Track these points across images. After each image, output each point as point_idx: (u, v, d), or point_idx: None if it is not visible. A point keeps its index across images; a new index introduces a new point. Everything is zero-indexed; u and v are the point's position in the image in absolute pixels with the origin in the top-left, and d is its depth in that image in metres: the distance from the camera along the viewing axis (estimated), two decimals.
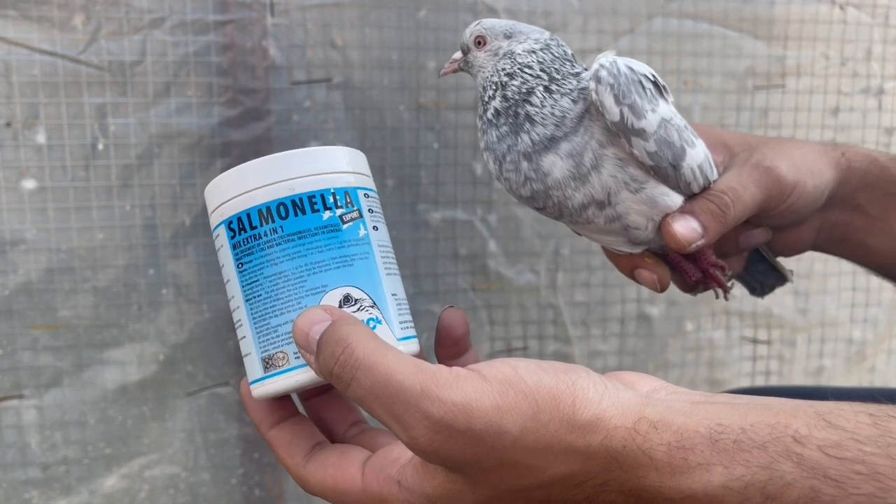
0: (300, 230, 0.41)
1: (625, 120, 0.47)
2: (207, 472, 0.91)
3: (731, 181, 0.52)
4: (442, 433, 0.35)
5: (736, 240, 0.57)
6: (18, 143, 0.81)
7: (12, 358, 0.84)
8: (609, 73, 0.47)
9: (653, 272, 0.54)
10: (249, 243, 0.41)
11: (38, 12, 0.79)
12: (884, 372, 1.13)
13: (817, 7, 1.01)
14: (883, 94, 1.05)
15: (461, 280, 0.95)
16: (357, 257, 0.41)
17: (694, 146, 0.51)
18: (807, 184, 0.54)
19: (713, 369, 1.06)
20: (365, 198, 0.43)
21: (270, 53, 0.85)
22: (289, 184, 0.41)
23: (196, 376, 0.89)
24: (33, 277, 0.83)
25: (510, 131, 0.49)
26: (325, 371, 0.38)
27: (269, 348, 0.41)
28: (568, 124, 0.48)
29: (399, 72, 0.89)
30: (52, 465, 0.87)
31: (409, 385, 0.35)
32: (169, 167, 0.85)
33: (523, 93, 0.49)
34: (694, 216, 0.50)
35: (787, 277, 0.62)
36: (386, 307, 0.42)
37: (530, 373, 0.37)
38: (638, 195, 0.49)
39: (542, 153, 0.48)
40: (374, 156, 0.90)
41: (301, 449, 0.42)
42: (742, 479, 0.33)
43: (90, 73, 0.82)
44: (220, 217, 0.43)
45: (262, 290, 0.41)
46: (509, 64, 0.50)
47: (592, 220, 0.50)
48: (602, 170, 0.48)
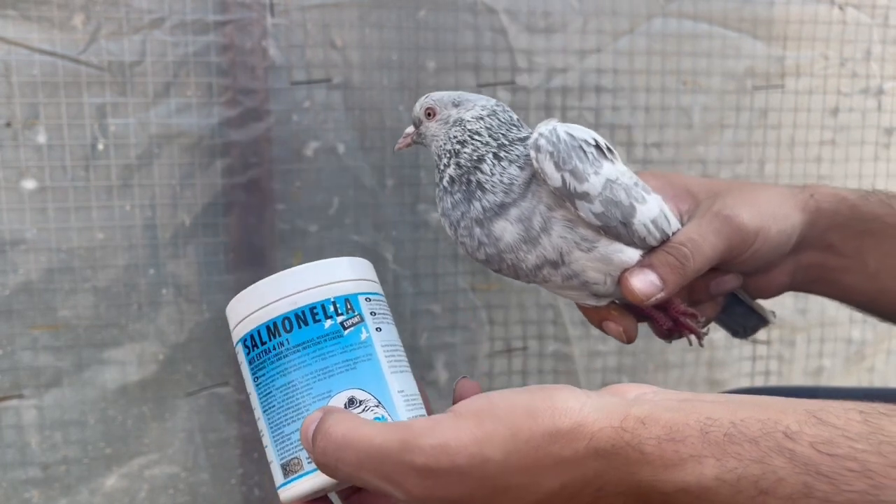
0: (304, 341, 0.43)
1: (567, 185, 0.48)
2: (207, 471, 0.91)
3: (691, 232, 0.52)
4: (430, 478, 0.36)
5: (706, 287, 0.57)
6: (18, 143, 0.81)
7: (12, 358, 0.84)
8: (548, 141, 0.49)
9: (619, 324, 0.54)
10: (261, 358, 0.44)
11: (37, 12, 0.80)
12: (883, 372, 1.13)
13: (817, 7, 1.01)
14: (882, 94, 1.05)
15: (461, 280, 0.95)
16: (360, 360, 0.44)
17: (644, 202, 0.51)
18: (770, 229, 0.54)
19: (713, 369, 1.06)
20: (367, 302, 0.45)
21: (270, 54, 0.85)
22: (292, 298, 0.44)
23: (196, 376, 0.89)
24: (33, 277, 0.83)
25: (463, 198, 0.50)
26: (318, 464, 0.39)
27: (286, 455, 0.44)
28: (516, 190, 0.49)
29: (399, 72, 0.89)
30: (52, 464, 0.87)
31: (389, 444, 0.36)
32: (169, 167, 0.85)
33: (474, 160, 0.50)
34: (652, 269, 0.51)
35: (767, 318, 0.62)
36: (392, 404, 0.43)
37: (504, 398, 0.37)
38: (591, 254, 0.50)
39: (493, 219, 0.49)
40: (374, 156, 0.90)
41: None
42: (734, 471, 0.33)
43: (90, 74, 0.82)
44: (237, 335, 0.46)
45: (275, 400, 0.44)
46: (460, 131, 0.51)
47: (549, 279, 0.51)
48: (552, 231, 0.49)
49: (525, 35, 0.92)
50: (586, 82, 0.95)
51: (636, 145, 0.98)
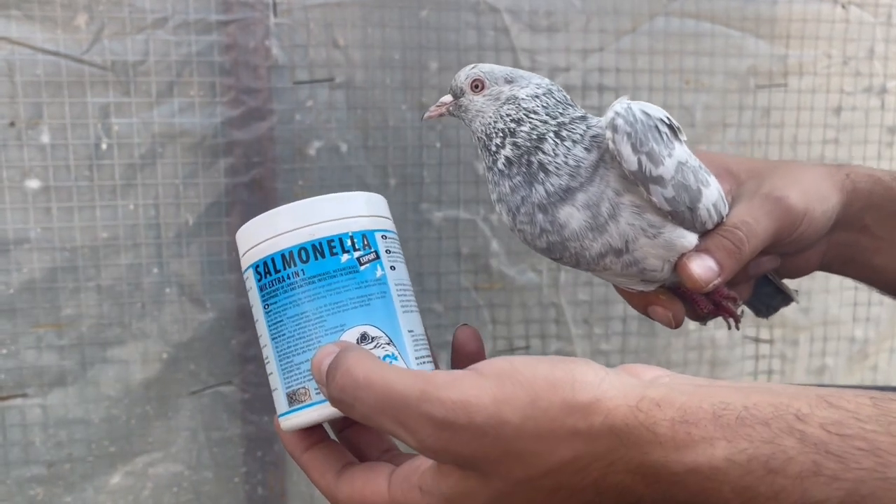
0: (320, 273, 0.43)
1: (643, 168, 0.46)
2: (210, 470, 0.91)
3: (744, 215, 0.51)
4: (446, 431, 0.36)
5: (745, 268, 0.56)
6: (22, 143, 0.81)
7: (16, 357, 0.84)
8: (625, 122, 0.46)
9: (667, 309, 0.53)
10: (274, 286, 0.44)
11: (41, 12, 0.80)
12: (886, 371, 1.13)
13: (819, 6, 1.00)
14: (885, 92, 1.05)
15: (463, 279, 0.95)
16: (374, 297, 0.44)
17: (708, 185, 0.50)
18: (815, 210, 0.53)
19: (715, 368, 1.06)
20: (382, 239, 0.45)
21: (273, 53, 0.86)
22: (310, 229, 0.44)
23: (199, 375, 0.90)
24: (37, 276, 0.84)
25: (523, 182, 0.48)
26: (333, 399, 0.39)
27: (293, 384, 0.44)
28: (583, 174, 0.47)
29: (401, 71, 0.89)
30: (56, 462, 0.87)
31: (409, 392, 0.36)
32: (172, 166, 0.85)
33: (534, 139, 0.48)
34: (710, 254, 0.50)
35: (793, 298, 0.61)
36: (402, 344, 0.44)
37: (526, 364, 0.37)
38: (656, 240, 0.48)
39: (558, 205, 0.47)
40: (377, 155, 0.90)
41: (332, 468, 0.43)
42: (745, 452, 0.34)
43: (93, 73, 0.82)
44: (249, 260, 0.45)
45: (286, 329, 0.44)
46: (514, 110, 0.49)
47: (610, 266, 0.49)
48: (620, 218, 0.47)
49: (527, 34, 0.92)
50: (589, 81, 0.95)
51: None
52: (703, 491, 0.34)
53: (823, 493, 0.32)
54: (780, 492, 0.33)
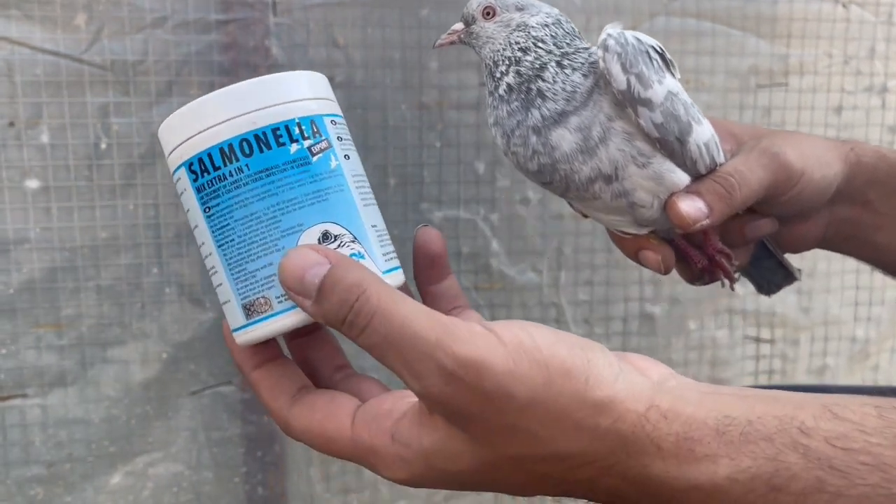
0: (267, 167, 0.38)
1: (631, 89, 0.47)
2: (210, 470, 0.91)
3: (738, 164, 0.52)
4: (452, 385, 0.35)
5: (742, 230, 0.56)
6: (21, 143, 0.81)
7: (16, 357, 0.84)
8: (616, 42, 0.48)
9: (657, 253, 0.53)
10: (214, 185, 0.39)
11: (40, 12, 0.80)
12: (887, 370, 1.13)
13: (820, 5, 1.00)
14: (886, 92, 1.05)
15: (464, 279, 0.95)
16: (331, 191, 0.39)
17: (700, 123, 0.51)
18: (814, 173, 0.54)
19: (716, 368, 1.06)
20: (332, 125, 0.41)
21: (273, 53, 0.85)
22: (250, 117, 0.38)
23: (199, 375, 0.89)
24: (37, 276, 0.84)
25: (521, 107, 0.49)
26: (333, 318, 0.36)
27: (249, 294, 0.39)
28: (578, 98, 0.48)
29: (401, 71, 0.89)
30: (56, 462, 0.87)
31: (425, 335, 0.35)
32: None
33: (536, 68, 0.49)
34: (699, 196, 0.50)
35: (794, 275, 0.61)
36: (367, 240, 0.40)
37: (547, 342, 0.36)
38: (645, 170, 0.49)
39: (552, 127, 0.48)
40: (377, 155, 0.90)
41: (286, 391, 0.41)
42: (748, 470, 0.33)
43: (93, 73, 0.82)
44: (179, 159, 0.40)
45: (233, 234, 0.39)
46: (523, 37, 0.50)
47: (599, 195, 0.50)
48: (610, 143, 0.48)
49: None
50: None
51: None
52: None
53: None
54: None
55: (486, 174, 0.94)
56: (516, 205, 0.95)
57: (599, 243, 0.98)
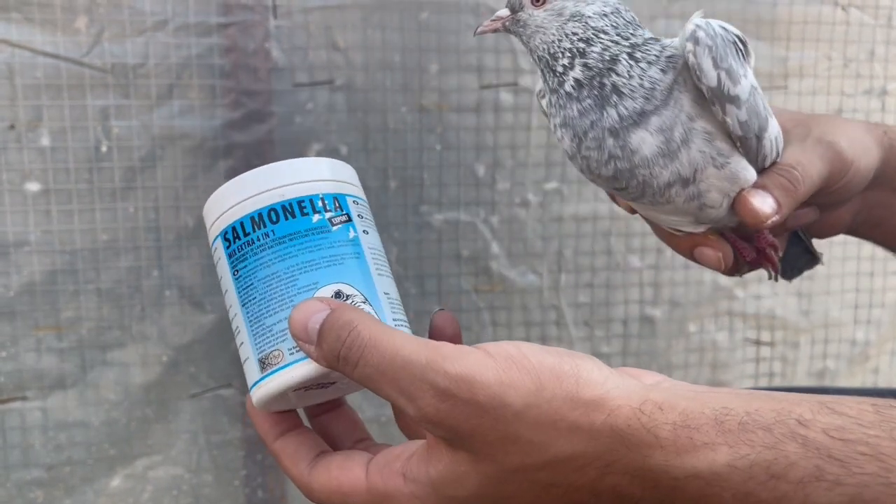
0: (290, 232, 0.42)
1: (722, 85, 0.44)
2: (210, 473, 0.91)
3: (798, 156, 0.51)
4: (447, 402, 0.35)
5: (784, 220, 0.55)
6: (22, 146, 0.81)
7: (16, 359, 0.84)
8: (707, 35, 0.45)
9: (717, 249, 0.52)
10: (243, 250, 0.42)
11: (41, 15, 0.80)
12: (887, 373, 1.13)
13: (820, 8, 1.00)
14: (886, 94, 1.05)
15: (464, 282, 0.95)
16: (347, 256, 0.42)
17: (772, 116, 0.49)
18: (861, 160, 0.53)
19: (716, 371, 1.06)
20: (354, 204, 0.44)
21: (273, 56, 0.86)
22: (279, 191, 0.42)
23: (199, 378, 0.89)
24: (37, 279, 0.84)
25: (594, 105, 0.45)
26: (330, 356, 0.38)
27: (266, 348, 0.41)
28: (658, 96, 0.45)
29: (401, 73, 0.89)
30: (56, 465, 0.87)
31: (415, 358, 0.36)
32: (172, 169, 0.85)
33: (607, 60, 0.45)
34: (768, 191, 0.49)
35: (819, 259, 0.61)
36: (378, 303, 0.42)
37: (534, 352, 0.37)
38: (722, 171, 0.47)
39: (631, 129, 0.45)
40: (377, 157, 0.90)
41: (305, 457, 0.42)
42: (747, 457, 0.33)
43: (93, 76, 0.82)
44: (216, 230, 0.44)
45: (256, 293, 0.42)
46: (581, 28, 0.46)
47: (673, 198, 0.47)
48: (692, 145, 0.45)
49: None
50: None
51: None
52: (704, 497, 0.34)
53: (826, 498, 0.32)
54: (781, 497, 0.33)
55: (485, 177, 0.94)
56: (516, 207, 0.95)
57: (599, 246, 0.98)
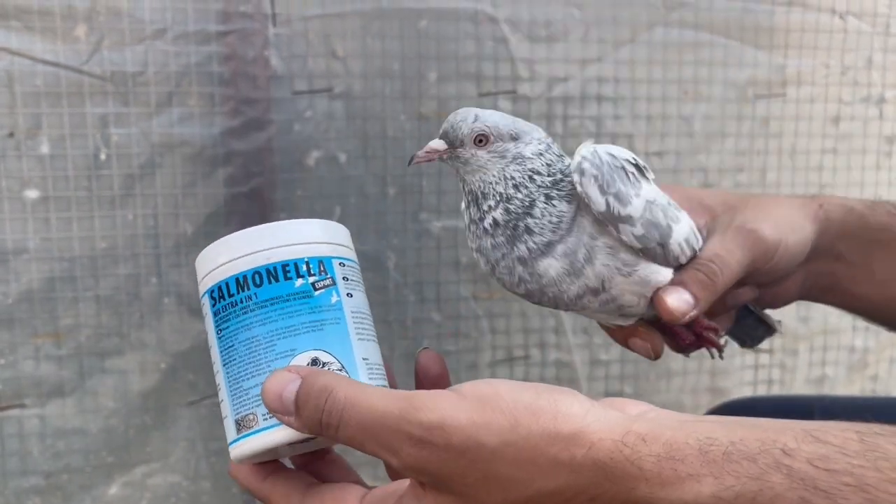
0: (273, 297, 0.42)
1: (611, 209, 0.47)
2: (208, 480, 0.91)
3: (717, 248, 0.53)
4: (424, 450, 0.36)
5: (723, 300, 0.57)
6: (21, 153, 0.82)
7: (14, 367, 0.84)
8: (591, 164, 0.47)
9: (646, 341, 0.54)
10: (227, 310, 0.43)
11: (41, 23, 0.80)
12: (886, 380, 1.13)
13: (817, 16, 1.01)
14: (884, 102, 1.05)
15: (463, 289, 0.95)
16: (328, 322, 0.43)
17: (678, 221, 0.51)
18: (788, 240, 0.54)
19: (715, 378, 1.06)
20: (340, 266, 0.45)
21: (272, 63, 0.86)
22: (266, 254, 0.43)
23: (197, 385, 0.89)
24: (35, 286, 0.84)
25: (506, 241, 0.48)
26: (311, 423, 0.39)
27: (242, 410, 0.42)
28: (563, 227, 0.48)
29: (400, 81, 0.90)
30: (54, 473, 0.87)
31: (390, 411, 0.37)
32: (171, 177, 0.85)
33: (526, 206, 0.48)
34: (685, 287, 0.51)
35: (774, 328, 0.62)
36: (355, 370, 0.43)
37: (509, 391, 0.37)
38: (631, 278, 0.49)
39: (538, 258, 0.48)
40: (376, 165, 0.90)
41: (296, 490, 0.43)
42: (732, 489, 0.33)
43: (92, 84, 0.82)
44: (204, 286, 0.45)
45: (237, 354, 0.43)
46: (518, 172, 0.48)
47: (588, 306, 0.50)
48: (595, 261, 0.48)
49: (526, 44, 0.92)
50: (587, 91, 0.95)
51: (638, 154, 0.97)
52: None
53: None
54: None
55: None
56: None
57: None
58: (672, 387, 1.04)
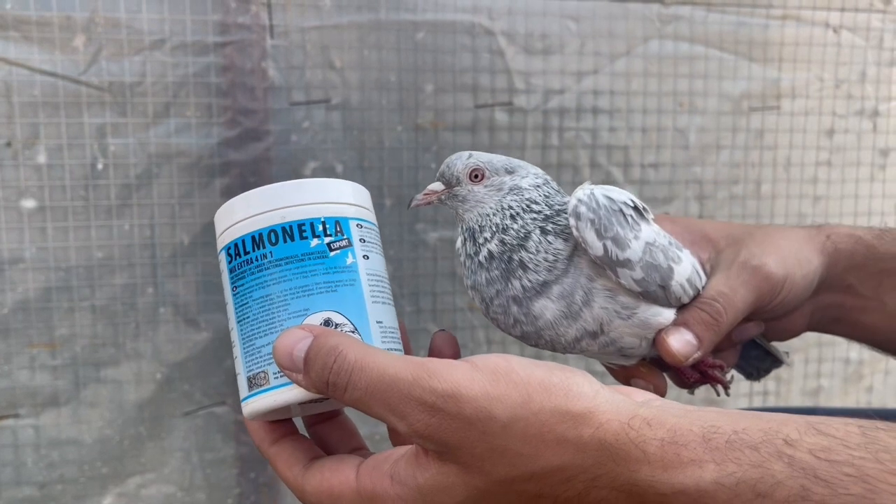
0: (288, 256, 0.42)
1: (609, 253, 0.46)
2: (203, 491, 0.91)
3: (721, 286, 0.51)
4: (435, 417, 0.36)
5: (729, 336, 0.56)
6: (18, 163, 0.82)
7: (9, 377, 0.84)
8: (588, 208, 0.47)
9: (649, 381, 0.53)
10: (242, 268, 0.43)
11: (39, 34, 0.80)
12: (881, 392, 1.13)
13: (811, 30, 1.01)
14: (877, 115, 1.06)
15: (458, 299, 0.95)
16: (342, 284, 0.42)
17: (680, 262, 0.50)
18: (795, 275, 0.53)
19: (710, 389, 1.06)
20: (358, 228, 0.44)
21: (269, 74, 0.86)
22: (281, 212, 0.42)
23: (193, 395, 0.89)
24: (31, 296, 0.84)
25: (500, 276, 0.47)
26: (319, 383, 0.38)
27: (254, 368, 0.42)
28: (560, 267, 0.47)
29: (397, 93, 0.90)
30: (48, 483, 0.87)
31: (402, 376, 0.37)
32: (168, 187, 0.86)
33: (521, 237, 0.47)
34: (688, 328, 0.50)
35: (782, 360, 0.61)
36: (368, 333, 0.42)
37: (523, 366, 0.38)
38: (630, 321, 0.48)
39: (534, 298, 0.47)
40: (373, 176, 0.91)
41: (300, 461, 0.43)
42: (733, 475, 0.34)
43: (90, 94, 0.82)
44: (222, 243, 0.44)
45: (250, 312, 0.42)
46: (516, 201, 0.48)
47: (587, 349, 0.49)
48: (593, 304, 0.47)
49: (522, 57, 0.93)
50: (583, 103, 0.96)
51: (633, 166, 0.98)
52: None
53: None
54: None
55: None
56: None
57: None
58: (668, 397, 1.04)
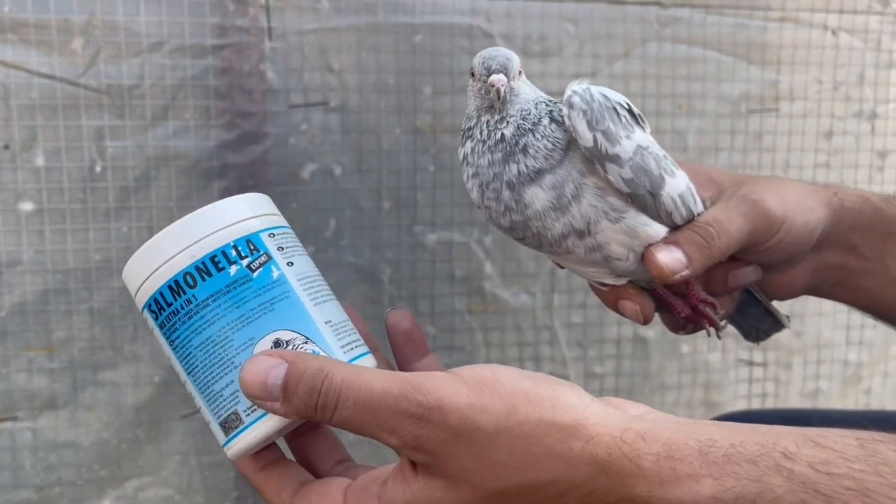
0: (212, 293, 0.40)
1: (598, 145, 0.47)
2: (201, 494, 0.91)
3: (717, 213, 0.52)
4: (424, 427, 0.36)
5: (725, 278, 0.56)
6: (16, 166, 0.82)
7: (7, 380, 0.84)
8: (581, 99, 0.48)
9: (636, 302, 0.53)
10: (171, 320, 0.41)
11: (37, 36, 0.80)
12: (880, 394, 1.13)
13: (810, 32, 1.02)
14: (876, 117, 1.06)
15: (457, 302, 0.95)
16: (277, 299, 0.41)
17: (674, 175, 0.50)
18: (796, 219, 0.53)
19: (709, 391, 1.06)
20: (271, 238, 0.43)
21: (268, 77, 0.86)
22: (189, 251, 0.41)
23: (191, 399, 0.89)
24: (29, 299, 0.83)
25: (502, 159, 0.48)
26: (305, 407, 0.38)
27: (222, 412, 0.41)
28: (556, 157, 0.48)
29: (396, 95, 0.90)
30: (46, 486, 0.86)
31: (390, 391, 0.37)
32: (166, 189, 0.85)
33: (535, 121, 0.48)
34: (678, 246, 0.50)
35: (782, 322, 0.60)
36: (321, 338, 0.41)
37: (509, 376, 0.37)
38: (617, 224, 0.49)
39: (526, 185, 0.48)
40: (371, 178, 0.91)
41: (287, 487, 0.42)
42: (732, 490, 0.33)
43: (88, 96, 0.82)
44: (140, 301, 0.43)
45: (197, 361, 0.41)
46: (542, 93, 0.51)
47: (572, 249, 0.49)
48: (582, 199, 0.48)
49: (521, 59, 0.93)
50: None
51: None
52: None
53: None
54: None
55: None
56: None
57: None
58: (666, 401, 1.04)
